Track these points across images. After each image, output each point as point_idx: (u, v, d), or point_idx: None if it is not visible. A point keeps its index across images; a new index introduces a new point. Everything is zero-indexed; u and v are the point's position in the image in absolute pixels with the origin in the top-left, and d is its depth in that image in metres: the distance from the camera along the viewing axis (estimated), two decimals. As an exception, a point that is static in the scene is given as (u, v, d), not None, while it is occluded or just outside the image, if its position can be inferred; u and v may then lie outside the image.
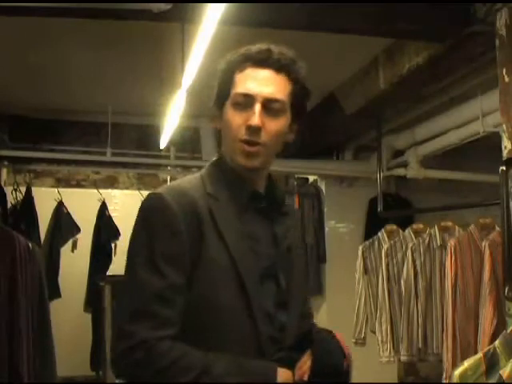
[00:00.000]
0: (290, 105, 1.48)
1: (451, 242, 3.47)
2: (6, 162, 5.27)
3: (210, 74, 1.58)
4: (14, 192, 5.30)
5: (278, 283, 1.48)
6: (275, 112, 1.44)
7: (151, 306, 1.33)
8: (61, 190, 5.77)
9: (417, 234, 4.02)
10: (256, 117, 1.41)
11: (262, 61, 1.46)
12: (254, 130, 1.42)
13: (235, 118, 1.44)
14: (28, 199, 5.34)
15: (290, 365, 1.41)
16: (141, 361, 1.30)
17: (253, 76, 1.45)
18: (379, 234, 4.25)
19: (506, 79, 2.70)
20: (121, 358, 1.34)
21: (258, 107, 1.42)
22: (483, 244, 3.32)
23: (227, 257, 1.39)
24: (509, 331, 1.83)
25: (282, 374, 1.37)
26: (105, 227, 5.76)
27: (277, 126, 1.44)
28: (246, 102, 1.44)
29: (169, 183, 1.59)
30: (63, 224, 5.60)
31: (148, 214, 1.43)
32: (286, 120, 1.48)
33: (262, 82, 1.44)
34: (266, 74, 1.46)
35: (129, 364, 1.33)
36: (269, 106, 1.44)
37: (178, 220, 1.37)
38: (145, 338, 1.31)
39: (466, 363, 1.81)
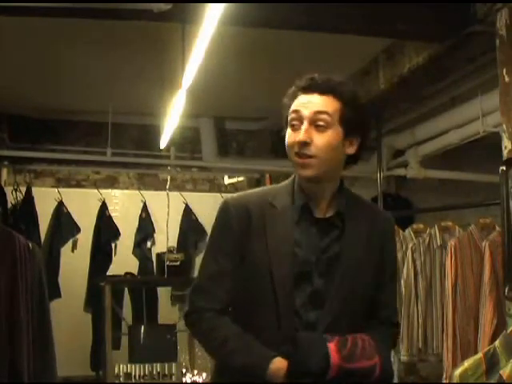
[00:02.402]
0: (338, 120, 1.67)
1: (451, 242, 3.47)
2: (6, 162, 5.28)
3: (209, 74, 1.58)
4: (14, 192, 5.30)
5: (312, 286, 1.69)
6: (322, 127, 1.66)
7: (205, 284, 1.73)
8: (61, 189, 5.76)
9: (417, 233, 4.01)
10: (301, 133, 1.65)
11: (308, 87, 1.69)
12: (302, 144, 1.66)
13: (290, 136, 1.70)
14: (28, 199, 5.34)
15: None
16: (193, 323, 1.75)
17: (302, 99, 1.69)
18: (379, 234, 4.24)
19: (506, 79, 2.70)
20: (185, 319, 1.77)
21: (305, 124, 1.66)
22: (483, 244, 3.32)
23: (266, 257, 1.68)
24: (509, 331, 1.83)
25: (276, 361, 1.61)
26: (105, 227, 5.75)
27: (324, 139, 1.66)
28: (298, 121, 1.68)
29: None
30: (63, 224, 5.60)
31: (216, 215, 1.79)
32: (335, 134, 1.67)
33: (309, 102, 1.68)
34: (312, 96, 1.68)
35: (188, 324, 1.78)
36: (316, 122, 1.66)
37: (233, 221, 1.72)
38: (197, 307, 1.73)
39: (466, 363, 1.81)
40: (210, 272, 1.74)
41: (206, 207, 5.96)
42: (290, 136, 1.70)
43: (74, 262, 5.59)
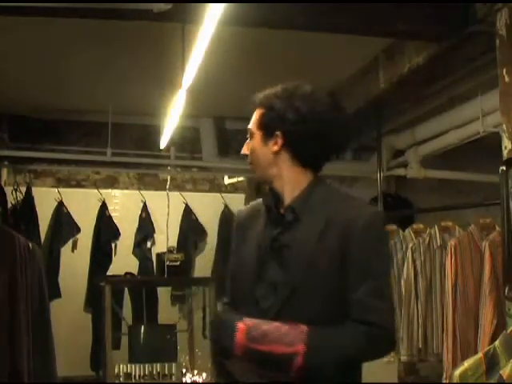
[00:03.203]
0: (258, 126, 1.91)
1: (451, 242, 3.47)
2: (6, 162, 5.27)
3: (209, 74, 1.59)
4: (14, 192, 5.29)
5: (270, 275, 1.85)
6: (250, 138, 1.94)
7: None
8: (61, 189, 5.76)
9: (417, 233, 4.01)
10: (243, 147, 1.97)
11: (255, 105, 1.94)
12: (246, 156, 1.96)
13: None
14: (28, 199, 5.34)
15: None
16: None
17: None
18: (379, 234, 4.24)
19: (506, 79, 2.70)
20: None
21: (247, 140, 1.95)
22: (483, 244, 3.32)
23: (241, 256, 1.91)
24: (509, 331, 1.83)
25: None
26: (105, 227, 5.75)
27: (251, 148, 1.94)
28: None
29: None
30: (63, 224, 5.59)
31: None
32: (257, 139, 1.92)
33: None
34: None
35: None
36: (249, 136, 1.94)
37: (234, 231, 2.00)
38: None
39: (466, 363, 1.81)
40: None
41: (206, 207, 5.96)
42: None
43: (74, 262, 5.59)
